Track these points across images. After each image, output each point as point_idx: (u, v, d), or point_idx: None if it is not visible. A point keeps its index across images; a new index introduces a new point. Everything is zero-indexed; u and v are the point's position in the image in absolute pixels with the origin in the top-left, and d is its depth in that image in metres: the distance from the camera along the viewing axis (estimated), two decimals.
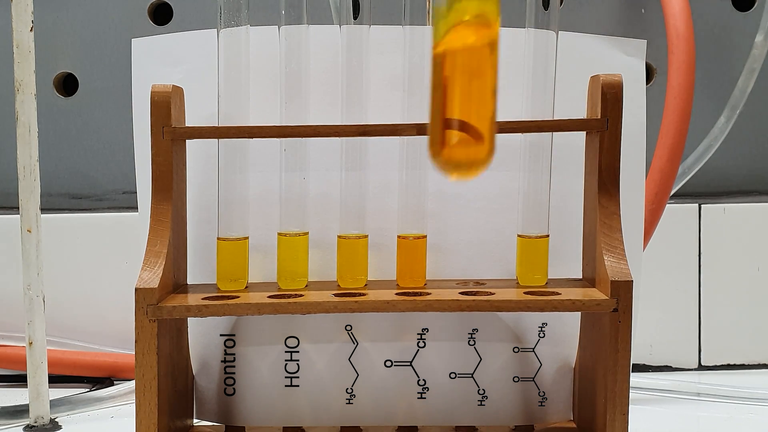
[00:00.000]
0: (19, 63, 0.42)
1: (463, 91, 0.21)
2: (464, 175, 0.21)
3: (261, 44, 0.40)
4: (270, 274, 0.41)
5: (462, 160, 0.21)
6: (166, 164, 0.38)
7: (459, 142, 0.21)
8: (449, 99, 0.21)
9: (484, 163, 0.21)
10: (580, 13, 0.56)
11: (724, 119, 0.54)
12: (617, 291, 0.35)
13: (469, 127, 0.21)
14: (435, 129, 0.21)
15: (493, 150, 0.21)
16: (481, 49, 0.21)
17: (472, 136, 0.21)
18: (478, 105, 0.21)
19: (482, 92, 0.21)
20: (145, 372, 0.36)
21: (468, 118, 0.21)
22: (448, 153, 0.21)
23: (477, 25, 0.21)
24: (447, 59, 0.21)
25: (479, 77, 0.21)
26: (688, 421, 0.46)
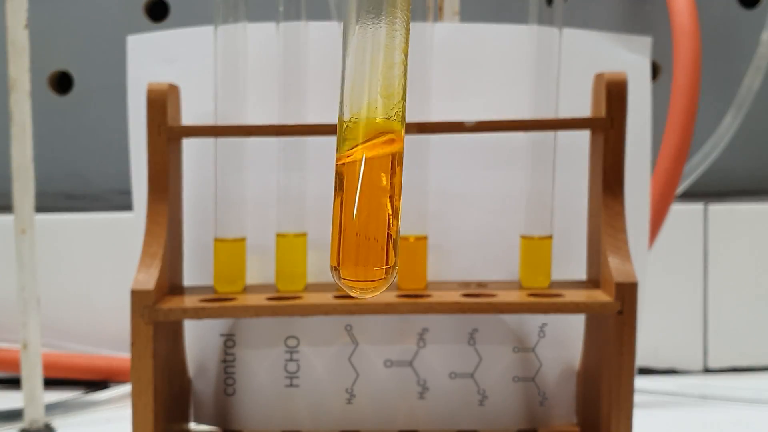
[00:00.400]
0: (13, 61, 0.41)
1: (359, 206, 0.21)
2: (362, 293, 0.21)
3: (258, 41, 0.40)
4: (268, 275, 0.41)
5: (355, 280, 0.21)
6: (162, 163, 0.38)
7: (355, 261, 0.21)
8: (345, 214, 0.21)
9: (381, 284, 0.21)
10: (584, 10, 0.56)
11: (731, 118, 0.54)
12: (622, 293, 0.35)
13: (365, 245, 0.21)
14: (333, 244, 0.21)
15: (393, 269, 0.21)
16: (381, 162, 0.21)
17: (369, 254, 0.21)
18: (374, 222, 0.21)
19: (379, 209, 0.21)
20: (141, 375, 0.36)
21: (364, 235, 0.21)
22: (343, 271, 0.21)
23: (380, 143, 0.21)
24: (345, 170, 0.21)
25: (376, 193, 0.21)
26: (694, 425, 0.46)
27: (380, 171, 0.21)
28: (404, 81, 0.21)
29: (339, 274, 0.21)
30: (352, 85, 0.21)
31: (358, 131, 0.21)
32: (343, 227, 0.21)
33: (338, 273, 0.21)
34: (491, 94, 0.41)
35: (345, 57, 0.21)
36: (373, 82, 0.21)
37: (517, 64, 0.40)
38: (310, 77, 0.39)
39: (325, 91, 0.40)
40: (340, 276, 0.21)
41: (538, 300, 0.36)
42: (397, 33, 0.21)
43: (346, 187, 0.21)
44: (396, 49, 0.21)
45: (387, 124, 0.21)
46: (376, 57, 0.21)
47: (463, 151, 0.41)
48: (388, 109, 0.21)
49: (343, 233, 0.21)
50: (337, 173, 0.21)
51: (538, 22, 0.38)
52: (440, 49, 0.40)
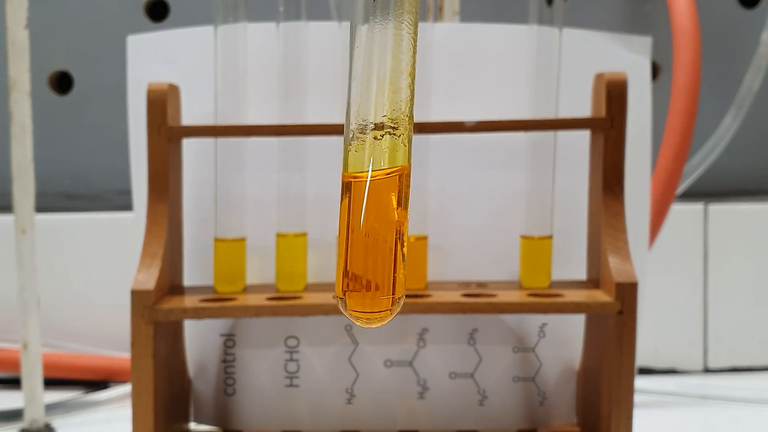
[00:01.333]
0: (13, 61, 0.41)
1: (364, 235, 0.21)
2: (367, 324, 0.21)
3: (259, 41, 0.40)
4: (268, 275, 0.41)
5: (361, 311, 0.21)
6: (162, 163, 0.38)
7: (359, 292, 0.21)
8: (351, 246, 0.21)
9: (387, 315, 0.21)
10: (584, 10, 0.56)
11: (731, 118, 0.54)
12: (622, 293, 0.35)
13: (369, 275, 0.21)
14: (338, 274, 0.21)
15: (400, 300, 0.21)
16: (387, 186, 0.21)
17: (372, 286, 0.21)
18: (381, 254, 0.21)
19: (386, 242, 0.21)
20: (142, 375, 0.36)
21: (366, 266, 0.21)
22: (350, 302, 0.21)
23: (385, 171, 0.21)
24: (352, 194, 0.21)
25: (384, 224, 0.21)
26: (694, 425, 0.45)
27: (386, 201, 0.21)
28: (411, 105, 0.21)
29: (345, 305, 0.21)
30: (358, 108, 0.21)
31: (364, 152, 0.21)
32: (350, 257, 0.21)
33: (344, 303, 0.21)
34: (491, 94, 0.41)
35: (351, 74, 0.21)
36: (379, 108, 0.20)
37: (517, 64, 0.40)
38: (310, 77, 0.39)
39: (325, 91, 0.40)
40: (346, 306, 0.21)
41: (538, 300, 0.36)
42: (404, 56, 0.21)
43: (352, 218, 0.21)
44: (402, 73, 0.21)
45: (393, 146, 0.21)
46: (382, 79, 0.20)
47: (463, 151, 0.41)
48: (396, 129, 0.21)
49: (348, 266, 0.21)
50: (342, 198, 0.21)
51: (538, 22, 0.38)
52: (440, 49, 0.40)
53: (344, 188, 0.21)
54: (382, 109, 0.20)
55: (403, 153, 0.21)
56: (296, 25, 0.39)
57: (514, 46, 0.40)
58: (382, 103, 0.21)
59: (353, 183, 0.21)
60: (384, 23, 0.20)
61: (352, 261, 0.20)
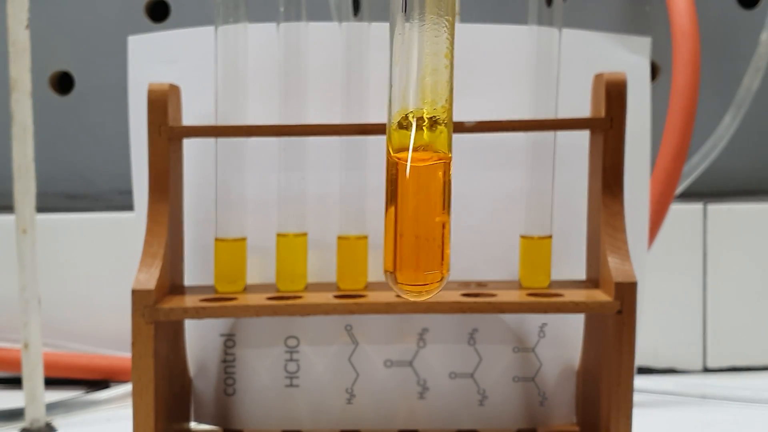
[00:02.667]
0: (14, 61, 0.41)
1: (414, 212, 0.21)
2: (416, 297, 0.21)
3: (259, 42, 0.40)
4: (269, 275, 0.41)
5: (412, 284, 0.21)
6: (163, 164, 0.38)
7: (413, 265, 0.21)
8: (400, 220, 0.21)
9: (435, 288, 0.21)
10: (583, 10, 0.56)
11: (730, 118, 0.54)
12: (621, 293, 0.35)
13: (423, 249, 0.21)
14: (387, 248, 0.21)
15: (446, 273, 0.21)
16: (433, 170, 0.21)
17: (426, 258, 0.21)
18: (430, 228, 0.21)
19: (434, 215, 0.21)
20: (142, 374, 0.36)
21: (422, 239, 0.21)
22: (399, 275, 0.21)
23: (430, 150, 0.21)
24: (399, 175, 0.21)
25: (432, 199, 0.21)
26: (693, 424, 0.45)
27: (433, 178, 0.21)
28: (450, 88, 0.21)
29: (395, 278, 0.21)
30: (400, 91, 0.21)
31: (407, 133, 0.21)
32: (399, 232, 0.21)
33: (394, 277, 0.21)
34: (491, 94, 0.41)
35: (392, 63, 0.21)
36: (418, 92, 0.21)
37: (516, 64, 0.40)
38: (310, 77, 0.39)
39: (325, 92, 0.40)
40: (396, 280, 0.21)
41: (538, 300, 0.36)
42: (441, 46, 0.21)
43: (400, 195, 0.21)
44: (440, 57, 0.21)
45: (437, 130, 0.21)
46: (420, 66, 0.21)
47: (463, 151, 0.41)
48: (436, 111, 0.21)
49: (399, 238, 0.21)
50: (389, 177, 0.21)
51: (538, 23, 0.38)
52: None
53: (390, 167, 0.21)
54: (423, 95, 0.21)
55: (444, 137, 0.21)
56: (296, 26, 0.39)
57: (513, 47, 0.40)
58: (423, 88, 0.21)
59: (399, 163, 0.21)
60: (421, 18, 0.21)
61: (403, 239, 0.21)
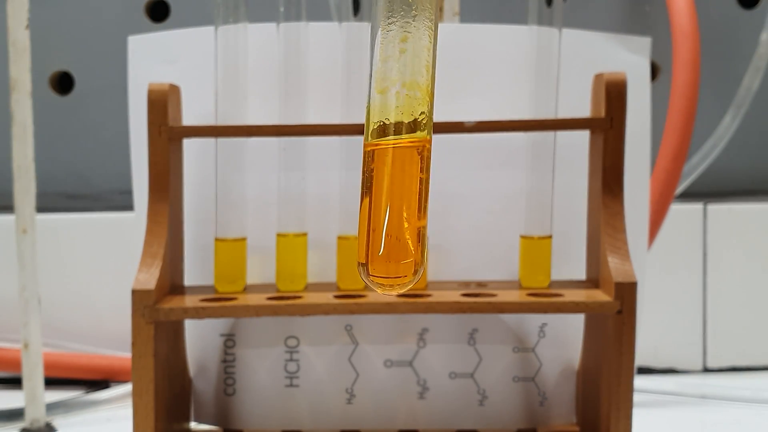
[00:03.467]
0: (14, 61, 0.41)
1: (390, 204, 0.21)
2: (389, 290, 0.21)
3: (259, 42, 0.40)
4: (269, 275, 0.41)
5: (385, 276, 0.21)
6: (163, 164, 0.38)
7: (384, 257, 0.21)
8: (374, 212, 0.21)
9: (408, 280, 0.21)
10: (583, 10, 0.56)
11: (730, 118, 0.54)
12: (621, 293, 0.35)
13: (394, 241, 0.21)
14: (360, 241, 0.21)
15: (421, 265, 0.21)
16: (410, 154, 0.21)
17: (398, 251, 0.21)
18: (403, 220, 0.21)
19: (408, 204, 0.21)
20: (142, 374, 0.36)
21: (393, 233, 0.21)
22: (371, 267, 0.21)
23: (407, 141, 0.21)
24: (375, 166, 0.21)
25: (406, 191, 0.21)
26: (693, 424, 0.45)
27: (409, 168, 0.21)
28: (432, 80, 0.21)
29: (367, 271, 0.21)
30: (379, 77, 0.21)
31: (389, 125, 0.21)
32: (372, 226, 0.21)
33: (366, 269, 0.21)
34: (491, 94, 0.41)
35: (373, 50, 0.21)
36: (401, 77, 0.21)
37: (516, 64, 0.40)
38: (310, 77, 0.39)
39: (325, 91, 0.40)
40: (368, 272, 0.21)
41: (538, 300, 0.36)
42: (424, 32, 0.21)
43: (375, 185, 0.21)
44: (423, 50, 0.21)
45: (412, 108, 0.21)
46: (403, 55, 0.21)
47: (463, 151, 0.41)
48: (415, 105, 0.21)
49: (372, 231, 0.21)
50: (365, 168, 0.21)
51: (538, 23, 0.38)
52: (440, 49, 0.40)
53: (366, 157, 0.21)
54: (403, 74, 0.21)
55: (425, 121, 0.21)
56: (296, 26, 0.39)
57: (513, 47, 0.40)
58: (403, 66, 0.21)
59: (375, 151, 0.21)
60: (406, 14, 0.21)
61: (375, 228, 0.20)
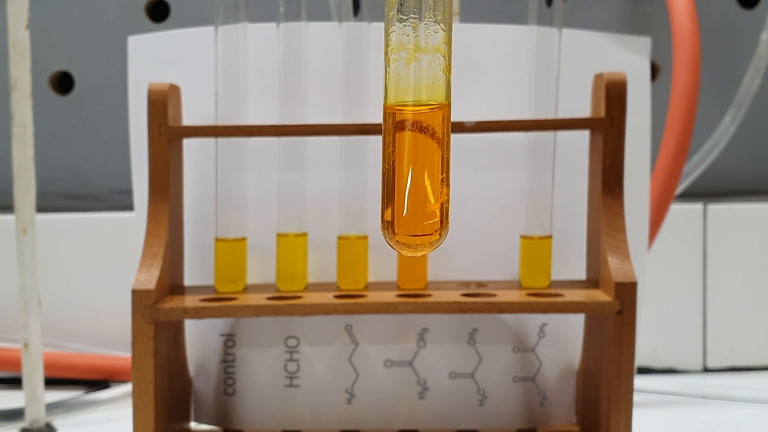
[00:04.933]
0: (14, 61, 0.41)
1: (414, 167, 0.21)
2: (413, 251, 0.21)
3: (259, 42, 0.40)
4: (269, 275, 0.41)
5: (412, 234, 0.21)
6: (163, 163, 0.38)
7: (409, 217, 0.21)
8: (398, 174, 0.21)
9: (433, 240, 0.21)
10: (583, 10, 0.56)
11: (730, 118, 0.54)
12: (621, 293, 0.35)
13: (419, 203, 0.21)
14: (384, 202, 0.21)
15: (445, 228, 0.21)
16: (433, 116, 0.21)
17: (423, 212, 0.21)
18: (426, 182, 0.21)
19: (432, 172, 0.21)
20: (142, 374, 0.36)
21: (417, 195, 0.21)
22: (397, 227, 0.21)
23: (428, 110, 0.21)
24: (397, 131, 0.21)
25: (430, 155, 0.21)
26: (693, 424, 0.45)
27: (432, 135, 0.21)
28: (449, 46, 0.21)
29: (392, 229, 0.21)
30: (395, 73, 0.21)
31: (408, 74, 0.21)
32: (397, 188, 0.21)
33: (391, 228, 0.21)
34: (491, 94, 0.41)
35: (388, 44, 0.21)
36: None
37: (516, 64, 0.40)
38: (310, 77, 0.39)
39: (325, 91, 0.40)
40: (393, 232, 0.21)
41: (538, 299, 0.36)
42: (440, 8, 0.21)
43: (397, 150, 0.21)
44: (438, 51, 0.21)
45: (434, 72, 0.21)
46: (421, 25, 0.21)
47: (463, 151, 0.41)
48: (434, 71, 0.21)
49: (397, 193, 0.21)
50: (386, 125, 0.21)
51: (538, 23, 0.38)
52: None
53: (387, 119, 0.21)
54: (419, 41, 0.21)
55: (444, 83, 0.21)
56: (296, 26, 0.39)
57: (513, 47, 0.40)
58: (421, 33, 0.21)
59: (396, 114, 0.21)
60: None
61: (399, 189, 0.20)
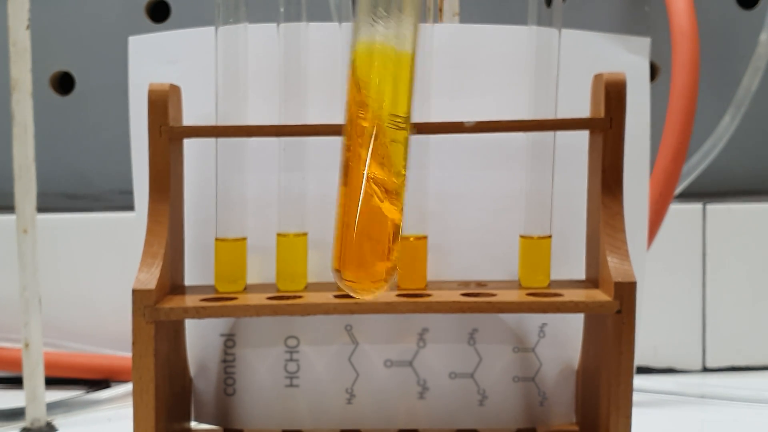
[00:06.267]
0: (15, 61, 0.41)
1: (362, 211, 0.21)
2: (363, 294, 0.21)
3: (259, 42, 0.40)
4: (269, 275, 0.41)
5: (358, 281, 0.21)
6: (164, 164, 0.38)
7: (357, 263, 0.21)
8: (347, 219, 0.21)
9: (381, 285, 0.21)
10: (583, 11, 0.56)
11: (729, 118, 0.54)
12: (620, 292, 0.35)
13: (368, 248, 0.21)
14: (335, 247, 0.21)
15: (393, 271, 0.21)
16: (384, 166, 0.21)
17: (371, 257, 0.21)
18: (376, 226, 0.21)
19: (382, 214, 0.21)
20: (143, 374, 0.36)
21: (366, 239, 0.21)
22: (345, 273, 0.21)
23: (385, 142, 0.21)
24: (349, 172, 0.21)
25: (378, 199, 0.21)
26: (692, 424, 0.46)
27: (383, 176, 0.21)
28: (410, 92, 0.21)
29: (341, 276, 0.21)
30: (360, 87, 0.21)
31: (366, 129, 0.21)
32: (345, 232, 0.21)
33: (340, 275, 0.21)
34: (491, 94, 0.41)
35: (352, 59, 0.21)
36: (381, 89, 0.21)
37: (516, 64, 0.40)
38: (310, 78, 0.39)
39: (326, 92, 0.40)
40: (342, 278, 0.21)
41: (538, 299, 0.36)
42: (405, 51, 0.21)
43: (347, 193, 0.21)
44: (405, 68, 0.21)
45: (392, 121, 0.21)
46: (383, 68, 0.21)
47: (463, 151, 0.41)
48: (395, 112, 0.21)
49: (345, 238, 0.21)
50: (343, 168, 0.21)
51: (538, 23, 0.38)
52: (440, 49, 0.41)
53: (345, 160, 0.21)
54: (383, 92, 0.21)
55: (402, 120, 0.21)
56: (297, 26, 0.39)
57: (513, 47, 0.40)
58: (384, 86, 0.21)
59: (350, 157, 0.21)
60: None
61: (346, 234, 0.21)
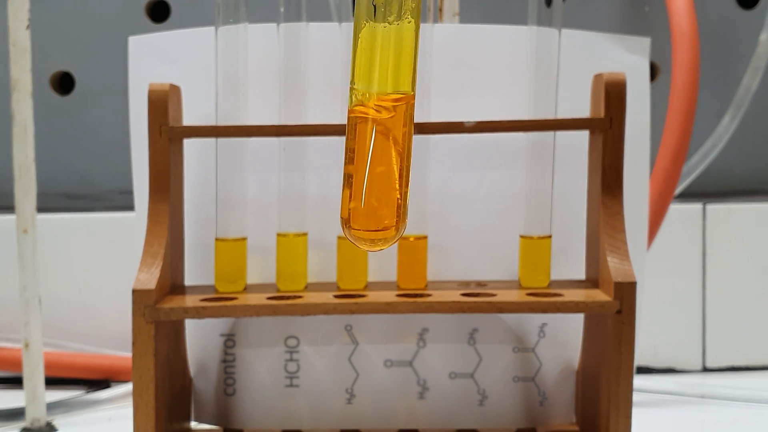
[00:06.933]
0: (15, 61, 0.41)
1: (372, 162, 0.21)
2: (371, 245, 0.21)
3: (259, 42, 0.40)
4: (269, 275, 0.41)
5: (367, 229, 0.21)
6: (164, 164, 0.38)
7: (365, 212, 0.21)
8: (357, 171, 0.21)
9: (390, 234, 0.21)
10: (583, 11, 0.56)
11: (729, 118, 0.54)
12: (620, 292, 0.35)
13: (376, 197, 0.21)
14: (344, 198, 0.21)
15: (402, 222, 0.21)
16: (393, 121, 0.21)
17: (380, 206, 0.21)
18: (385, 179, 0.21)
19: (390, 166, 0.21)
20: (143, 374, 0.36)
21: (373, 192, 0.21)
22: (354, 221, 0.21)
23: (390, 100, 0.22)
24: (358, 128, 0.21)
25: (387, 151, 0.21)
26: (692, 424, 0.46)
27: (392, 130, 0.21)
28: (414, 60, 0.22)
29: (349, 225, 0.21)
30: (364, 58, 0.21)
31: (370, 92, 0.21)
32: (355, 184, 0.21)
33: (348, 224, 0.21)
34: (491, 94, 0.41)
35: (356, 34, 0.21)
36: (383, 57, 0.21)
37: (516, 64, 0.41)
38: (310, 78, 0.39)
39: (326, 92, 0.40)
40: (350, 227, 0.21)
41: (538, 299, 0.36)
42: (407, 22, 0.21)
43: (357, 145, 0.21)
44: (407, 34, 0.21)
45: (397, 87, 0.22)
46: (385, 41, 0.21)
47: (463, 151, 0.41)
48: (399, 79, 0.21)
49: (354, 189, 0.21)
50: (349, 128, 0.21)
51: (538, 23, 0.38)
52: (440, 50, 0.41)
53: (350, 123, 0.21)
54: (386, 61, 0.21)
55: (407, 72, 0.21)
56: (296, 26, 0.39)
57: (513, 47, 0.41)
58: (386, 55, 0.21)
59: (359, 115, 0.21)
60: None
61: (356, 184, 0.21)
